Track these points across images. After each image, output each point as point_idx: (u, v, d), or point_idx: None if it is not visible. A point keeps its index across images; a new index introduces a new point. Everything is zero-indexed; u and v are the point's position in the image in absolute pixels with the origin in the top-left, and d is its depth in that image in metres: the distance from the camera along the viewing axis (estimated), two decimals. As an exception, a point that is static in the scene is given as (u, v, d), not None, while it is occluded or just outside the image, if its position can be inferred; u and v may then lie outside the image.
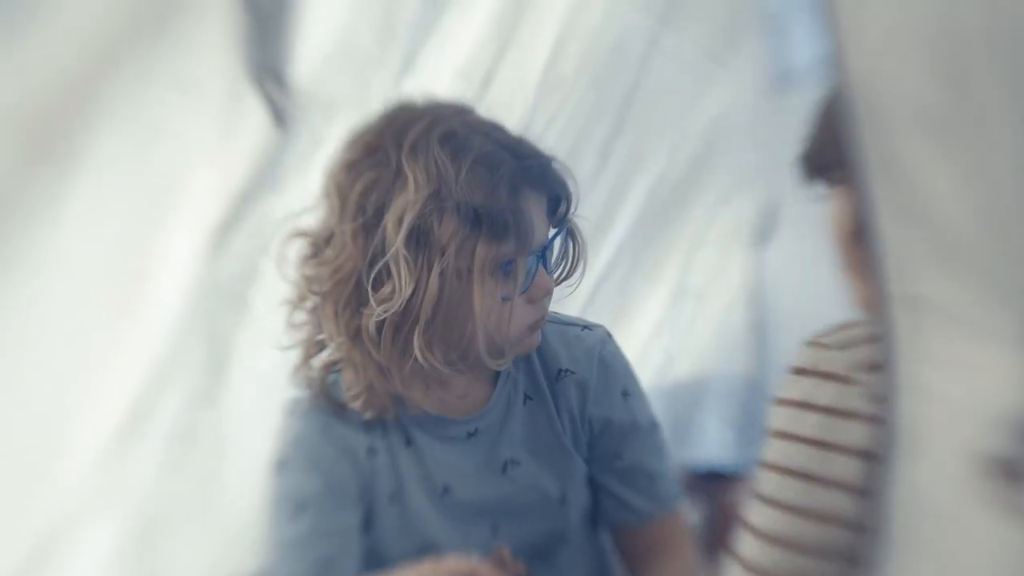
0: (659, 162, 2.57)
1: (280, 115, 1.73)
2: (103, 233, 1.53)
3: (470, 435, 1.65)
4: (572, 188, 1.59)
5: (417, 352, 1.49)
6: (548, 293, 1.57)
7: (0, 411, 1.45)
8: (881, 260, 0.96)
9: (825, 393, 1.24)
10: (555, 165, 1.58)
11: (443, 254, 1.46)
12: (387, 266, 1.47)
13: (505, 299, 1.52)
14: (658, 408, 1.78)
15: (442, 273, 1.46)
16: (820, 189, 1.38)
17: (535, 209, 1.54)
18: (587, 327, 1.72)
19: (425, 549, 1.60)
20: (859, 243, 1.32)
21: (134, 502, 1.69)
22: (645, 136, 2.49)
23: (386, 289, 1.48)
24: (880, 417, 1.18)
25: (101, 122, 1.42)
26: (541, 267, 1.56)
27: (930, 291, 0.95)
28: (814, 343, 1.27)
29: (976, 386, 0.95)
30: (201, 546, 1.82)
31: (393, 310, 1.47)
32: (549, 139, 2.19)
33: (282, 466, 1.62)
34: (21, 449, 1.50)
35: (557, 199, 1.59)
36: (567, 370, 1.68)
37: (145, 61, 1.46)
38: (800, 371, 1.26)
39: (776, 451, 1.27)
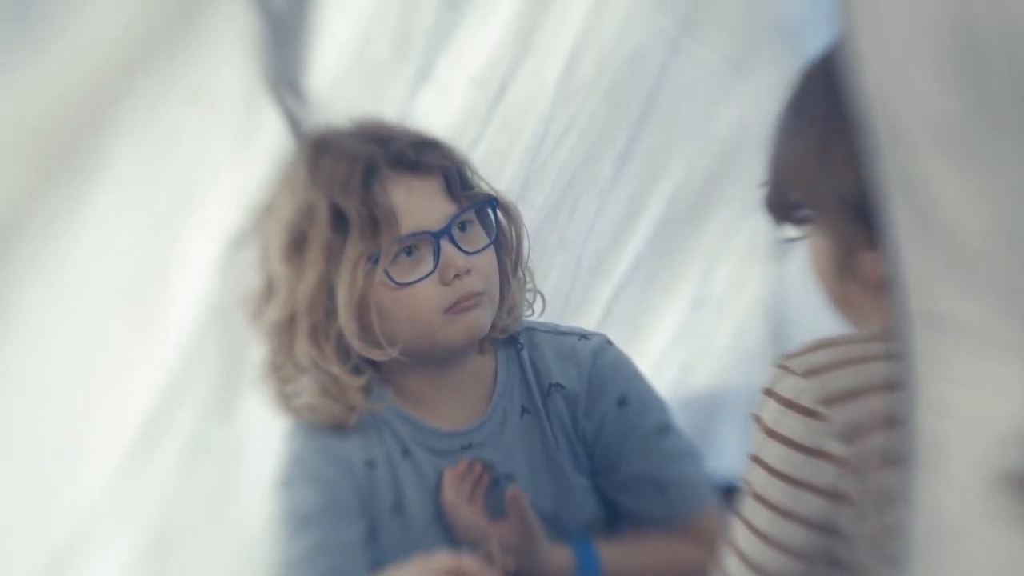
0: (677, 172, 2.56)
1: (296, 125, 1.73)
2: (120, 245, 1.53)
3: (464, 448, 1.65)
4: (461, 162, 1.61)
5: (302, 356, 1.55)
6: (462, 271, 1.55)
7: (17, 424, 1.45)
8: (900, 277, 0.96)
9: (789, 424, 1.20)
10: (434, 143, 1.59)
11: (315, 257, 1.53)
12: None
13: (402, 285, 1.53)
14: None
15: (318, 274, 1.53)
16: (791, 230, 1.34)
17: (410, 192, 1.55)
18: (584, 336, 1.70)
19: None
20: (844, 279, 1.28)
21: (149, 515, 1.68)
22: (663, 146, 2.48)
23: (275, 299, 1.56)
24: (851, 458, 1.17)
25: (118, 134, 1.42)
26: (450, 246, 1.55)
27: (949, 308, 0.94)
28: (781, 365, 1.23)
29: (994, 403, 0.94)
30: (215, 559, 1.81)
31: (275, 318, 1.56)
32: (565, 148, 2.19)
33: (285, 485, 1.64)
34: (37, 463, 1.50)
35: (452, 177, 1.59)
36: (557, 384, 1.66)
37: (162, 73, 1.46)
38: (768, 392, 1.24)
39: (751, 472, 1.25)
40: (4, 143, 1.30)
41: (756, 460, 1.23)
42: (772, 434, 1.21)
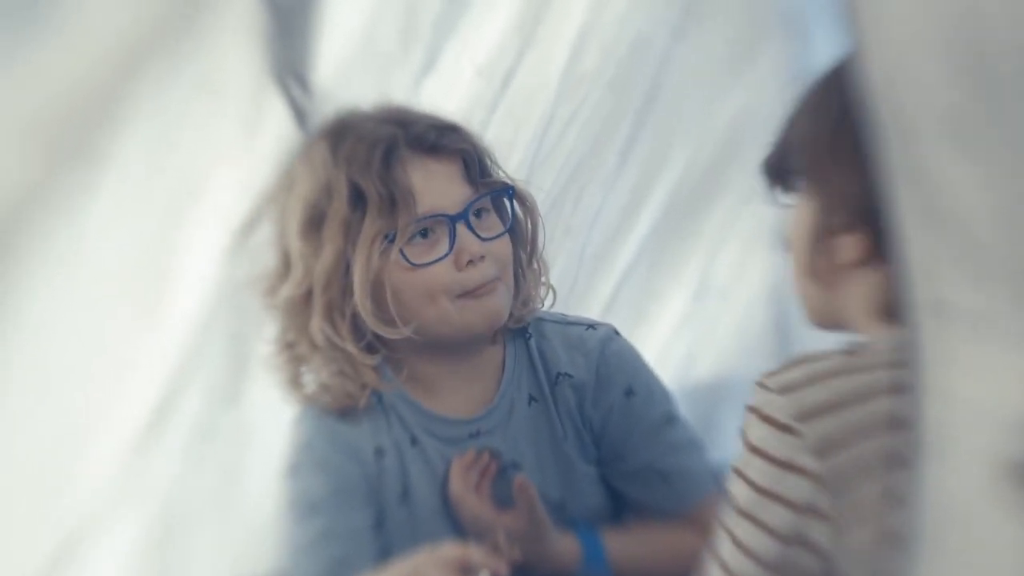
0: (680, 161, 2.57)
1: (302, 115, 1.73)
2: (126, 233, 1.54)
3: (471, 436, 1.65)
4: (480, 148, 1.61)
5: (317, 333, 1.55)
6: (476, 257, 1.56)
7: (23, 411, 1.46)
8: (906, 266, 0.96)
9: (767, 439, 1.22)
10: (454, 127, 1.60)
11: (333, 234, 1.53)
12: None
13: (416, 266, 1.54)
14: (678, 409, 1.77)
15: (336, 251, 1.53)
16: (780, 196, 1.36)
17: (429, 174, 1.55)
18: (592, 326, 1.70)
19: None
20: (819, 251, 1.30)
21: (156, 500, 1.69)
22: (667, 135, 2.48)
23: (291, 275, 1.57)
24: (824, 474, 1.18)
25: (124, 123, 1.43)
26: (466, 231, 1.56)
27: (956, 296, 0.94)
28: (760, 383, 1.25)
29: (1001, 391, 0.94)
30: (223, 544, 1.82)
31: (291, 294, 1.56)
32: (570, 137, 2.19)
33: (293, 471, 1.64)
34: (44, 448, 1.50)
35: (472, 162, 1.59)
36: (565, 374, 1.67)
37: (167, 62, 1.46)
38: (750, 409, 1.25)
39: (734, 486, 1.27)
40: (10, 133, 1.30)
41: (736, 472, 1.25)
42: (753, 449, 1.23)
